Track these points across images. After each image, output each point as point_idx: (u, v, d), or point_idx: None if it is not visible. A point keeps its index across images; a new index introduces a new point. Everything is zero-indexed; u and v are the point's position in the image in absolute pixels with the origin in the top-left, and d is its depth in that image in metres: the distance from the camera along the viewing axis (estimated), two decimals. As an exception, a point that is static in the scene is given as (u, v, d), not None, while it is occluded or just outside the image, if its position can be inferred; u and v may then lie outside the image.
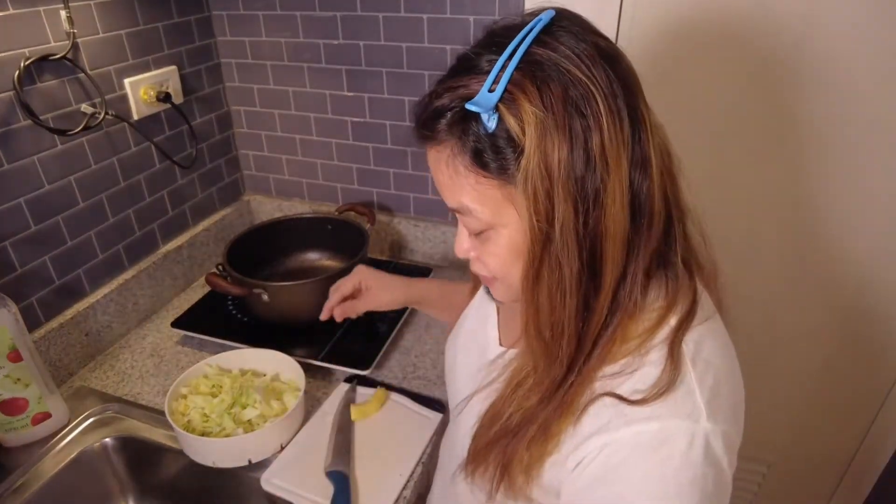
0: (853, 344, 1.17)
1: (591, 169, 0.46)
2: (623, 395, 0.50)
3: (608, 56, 0.48)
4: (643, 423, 0.48)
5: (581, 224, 0.48)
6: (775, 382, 1.26)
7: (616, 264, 0.50)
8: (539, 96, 0.46)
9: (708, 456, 0.48)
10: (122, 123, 1.07)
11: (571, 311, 0.51)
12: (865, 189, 1.02)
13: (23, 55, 0.89)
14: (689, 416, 0.48)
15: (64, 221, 1.00)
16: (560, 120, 0.46)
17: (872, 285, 1.10)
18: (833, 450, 1.31)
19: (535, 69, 0.47)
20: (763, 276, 1.16)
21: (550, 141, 0.46)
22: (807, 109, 0.99)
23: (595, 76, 0.46)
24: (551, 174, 0.46)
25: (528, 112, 0.46)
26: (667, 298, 0.53)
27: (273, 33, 1.24)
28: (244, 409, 0.88)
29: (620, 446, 0.49)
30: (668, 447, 0.48)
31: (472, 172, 0.50)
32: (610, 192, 0.47)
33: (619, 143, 0.47)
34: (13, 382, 0.84)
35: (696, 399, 0.49)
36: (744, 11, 0.94)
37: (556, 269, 0.49)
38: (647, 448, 0.48)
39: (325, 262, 1.30)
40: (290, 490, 0.81)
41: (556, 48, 0.47)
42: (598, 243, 0.49)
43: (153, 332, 1.15)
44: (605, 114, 0.46)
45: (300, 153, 1.37)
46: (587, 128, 0.46)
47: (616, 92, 0.47)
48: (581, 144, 0.46)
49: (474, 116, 0.48)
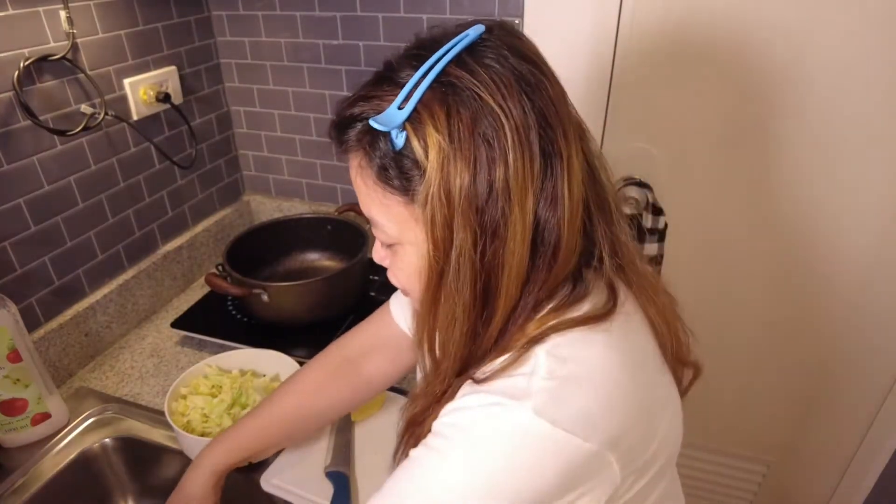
0: (852, 344, 1.17)
1: (493, 200, 0.45)
2: (474, 377, 0.51)
3: (530, 84, 0.46)
4: (474, 395, 0.49)
5: (478, 254, 0.47)
6: (775, 382, 1.26)
7: (510, 297, 0.49)
8: (446, 121, 0.45)
9: (522, 444, 0.45)
10: (121, 124, 1.07)
11: (459, 337, 0.51)
12: (863, 189, 1.02)
13: (22, 55, 0.89)
14: (513, 397, 0.46)
15: (63, 222, 1.00)
16: (465, 148, 0.44)
17: (871, 285, 1.10)
18: (833, 450, 1.31)
19: (447, 91, 0.45)
20: (761, 277, 1.16)
21: (454, 167, 0.45)
22: (805, 111, 0.99)
23: (509, 107, 0.45)
24: (451, 201, 0.45)
25: (432, 136, 0.45)
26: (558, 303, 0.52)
27: (273, 33, 1.24)
28: (244, 409, 0.88)
29: (446, 411, 0.50)
30: (482, 416, 0.48)
31: (378, 186, 0.49)
32: (511, 225, 0.46)
33: (525, 177, 0.46)
34: (13, 383, 0.84)
35: (530, 385, 0.47)
36: (741, 14, 0.94)
37: (451, 294, 0.49)
38: (465, 411, 0.49)
39: (325, 263, 1.30)
40: (290, 490, 0.81)
41: (473, 71, 0.46)
42: (494, 276, 0.48)
43: (153, 333, 1.15)
44: (514, 147, 0.45)
45: (300, 153, 1.37)
46: (492, 159, 0.45)
47: (530, 124, 0.46)
48: (485, 175, 0.45)
49: (383, 132, 0.47)
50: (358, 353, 0.82)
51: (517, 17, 1.04)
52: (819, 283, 1.13)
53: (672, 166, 1.09)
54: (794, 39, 0.94)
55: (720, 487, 1.44)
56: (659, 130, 1.08)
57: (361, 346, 0.83)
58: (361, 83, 0.51)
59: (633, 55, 1.02)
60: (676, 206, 1.08)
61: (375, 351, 0.82)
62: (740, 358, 1.24)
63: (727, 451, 1.38)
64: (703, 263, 1.17)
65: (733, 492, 1.45)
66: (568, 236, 0.49)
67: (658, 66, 1.02)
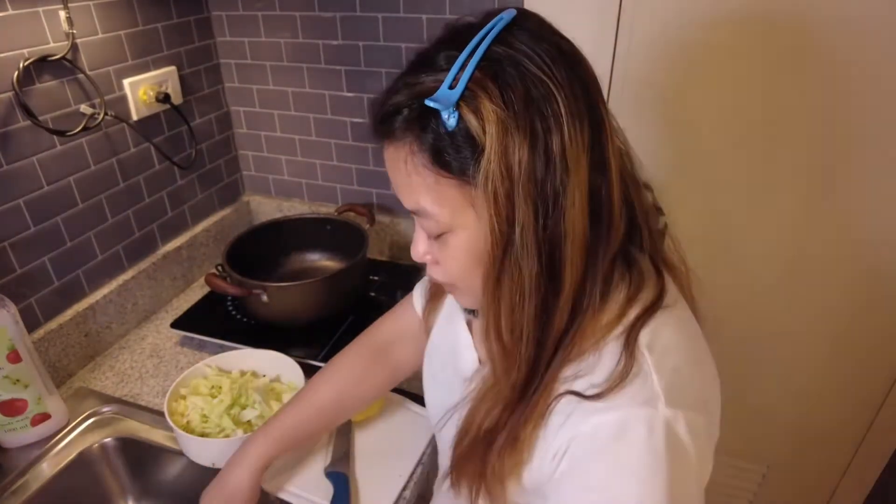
0: (853, 344, 1.17)
1: (551, 170, 0.46)
2: (580, 392, 0.49)
3: (569, 57, 0.48)
4: (601, 415, 0.48)
5: (541, 226, 0.47)
6: (775, 383, 1.26)
7: (576, 267, 0.49)
8: (500, 95, 0.45)
9: (670, 441, 0.46)
10: (121, 124, 1.07)
11: (531, 314, 0.50)
12: (864, 189, 1.02)
13: (22, 56, 0.89)
14: (646, 403, 0.47)
15: (63, 222, 1.00)
16: (521, 120, 0.45)
17: (872, 285, 1.10)
18: (833, 450, 1.31)
19: (496, 67, 0.46)
20: (763, 277, 1.16)
21: (511, 141, 0.45)
22: (807, 109, 0.99)
23: (556, 76, 0.46)
24: (512, 175, 0.45)
25: (489, 111, 0.45)
26: (628, 294, 0.53)
27: (272, 34, 1.24)
28: (243, 409, 0.88)
29: (583, 440, 0.49)
30: (628, 436, 0.47)
31: (431, 172, 0.49)
32: (570, 194, 0.46)
33: (579, 146, 0.46)
34: (12, 383, 0.84)
35: (653, 385, 0.48)
36: (743, 9, 0.94)
37: (515, 271, 0.48)
38: (607, 439, 0.48)
39: (325, 263, 1.30)
40: (290, 491, 0.81)
41: (516, 47, 0.46)
42: (558, 246, 0.48)
43: (152, 333, 1.15)
44: (566, 115, 0.45)
45: (299, 154, 1.37)
46: (548, 129, 0.45)
47: (577, 93, 0.46)
48: (542, 145, 0.45)
49: (433, 114, 0.46)
50: (387, 341, 0.85)
51: (517, 18, 1.04)
52: (819, 283, 1.13)
53: (673, 165, 1.09)
54: (794, 42, 0.94)
55: (720, 487, 1.44)
56: (660, 129, 1.08)
57: (389, 335, 0.86)
58: (396, 75, 0.51)
59: (632, 53, 1.02)
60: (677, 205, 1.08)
61: (402, 339, 0.84)
62: (741, 358, 1.24)
63: (727, 451, 1.38)
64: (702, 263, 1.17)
65: (733, 492, 1.45)
66: (616, 201, 0.50)
67: (658, 64, 1.02)
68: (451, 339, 0.70)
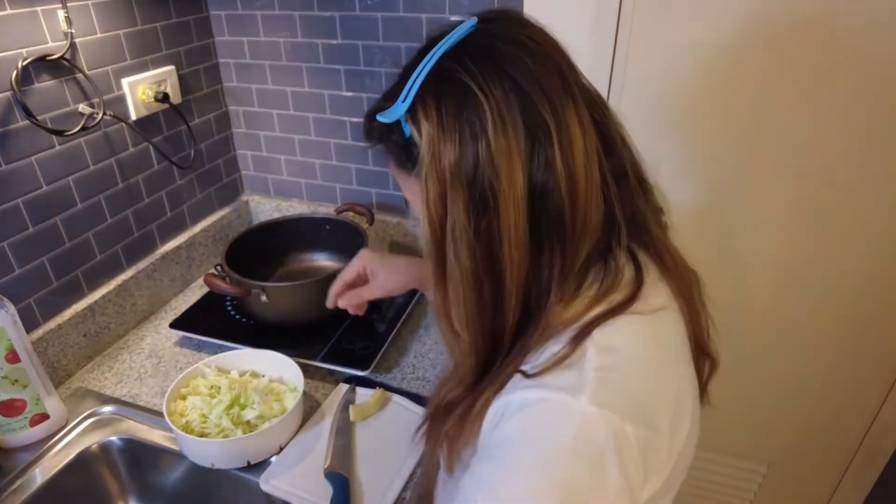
0: (853, 344, 1.17)
1: (479, 174, 0.49)
2: (524, 370, 0.52)
3: (516, 66, 0.50)
4: (527, 391, 0.50)
5: (472, 225, 0.50)
6: (775, 382, 1.26)
7: (517, 266, 0.51)
8: (436, 107, 0.50)
9: (581, 438, 0.46)
10: (120, 124, 1.07)
11: (472, 306, 0.54)
12: (864, 189, 1.02)
13: (20, 55, 0.88)
14: (567, 391, 0.47)
15: (62, 222, 1.00)
16: (450, 130, 0.50)
17: (872, 285, 1.10)
18: (833, 450, 1.31)
19: (439, 82, 0.51)
20: (762, 276, 1.16)
21: (440, 147, 0.50)
22: (808, 108, 0.99)
23: (489, 89, 0.49)
24: (443, 178, 0.51)
25: (422, 121, 0.51)
26: (598, 293, 0.53)
27: (271, 33, 1.24)
28: (243, 410, 0.88)
29: (508, 410, 0.50)
30: (541, 416, 0.48)
31: (402, 171, 0.57)
32: (502, 195, 0.49)
33: (510, 150, 0.49)
34: (11, 384, 0.84)
35: (582, 378, 0.48)
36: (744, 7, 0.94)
37: (455, 265, 0.53)
38: (523, 414, 0.49)
39: (324, 263, 1.29)
40: (290, 491, 0.81)
41: (462, 61, 0.51)
42: (495, 245, 0.51)
43: (151, 333, 1.15)
44: (494, 124, 0.49)
45: (299, 153, 1.37)
46: (475, 137, 0.49)
47: (512, 102, 0.49)
48: (470, 152, 0.49)
49: (395, 124, 0.54)
50: None
51: (516, 17, 1.04)
52: (819, 283, 1.13)
53: (674, 164, 1.09)
54: (796, 34, 0.94)
55: (720, 487, 1.44)
56: (660, 127, 1.08)
57: None
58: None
59: (632, 53, 1.02)
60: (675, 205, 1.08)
61: None
62: (740, 358, 1.24)
63: (727, 451, 1.38)
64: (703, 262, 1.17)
65: (733, 492, 1.45)
66: (577, 202, 0.51)
67: (658, 63, 1.02)
68: None
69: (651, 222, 0.58)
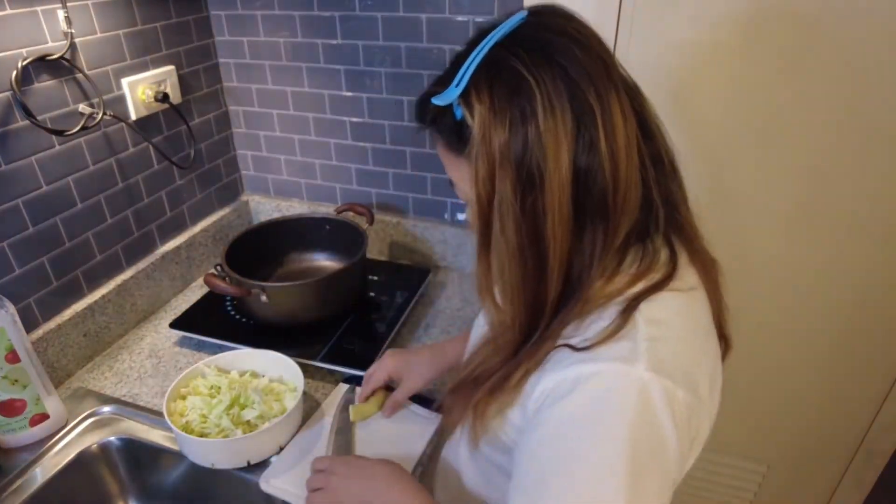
0: (853, 343, 1.17)
1: (528, 154, 0.52)
2: (573, 345, 0.54)
3: (565, 54, 0.54)
4: (584, 364, 0.52)
5: (519, 203, 0.53)
6: (775, 383, 1.26)
7: (560, 243, 0.54)
8: (489, 92, 0.53)
9: (643, 403, 0.49)
10: (120, 124, 1.07)
11: (517, 280, 0.56)
12: (865, 189, 1.02)
13: (20, 55, 0.88)
14: (626, 361, 0.51)
15: (62, 222, 1.00)
16: (502, 112, 0.52)
17: (873, 286, 1.10)
18: (833, 450, 1.31)
19: (491, 68, 0.54)
20: (762, 276, 1.16)
21: (492, 129, 0.53)
22: (808, 107, 0.99)
23: (539, 75, 0.52)
24: (492, 158, 0.53)
25: (475, 105, 0.53)
26: (639, 270, 0.57)
27: (271, 33, 1.24)
28: (243, 409, 0.88)
29: (563, 384, 0.53)
30: (601, 387, 0.51)
31: (451, 153, 0.59)
32: (549, 177, 0.52)
33: (558, 134, 0.52)
34: (11, 384, 0.84)
35: (637, 348, 0.52)
36: (739, 24, 0.94)
37: (501, 241, 0.56)
38: (583, 386, 0.52)
39: (324, 263, 1.29)
40: (289, 491, 0.81)
41: (514, 49, 0.54)
42: (540, 223, 0.54)
43: (151, 333, 1.15)
44: (544, 108, 0.52)
45: (299, 153, 1.37)
46: (525, 120, 0.52)
47: (560, 88, 0.52)
48: (519, 134, 0.52)
49: (447, 107, 0.56)
50: None
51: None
52: (820, 283, 1.13)
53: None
54: (796, 34, 0.94)
55: (720, 487, 1.44)
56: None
57: None
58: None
59: (632, 52, 1.02)
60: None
61: None
62: (740, 358, 1.24)
63: (727, 451, 1.38)
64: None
65: (733, 492, 1.45)
66: (618, 183, 0.54)
67: (657, 62, 1.02)
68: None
69: (682, 206, 0.63)
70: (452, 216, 1.30)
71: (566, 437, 0.51)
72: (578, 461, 0.50)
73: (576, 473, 0.50)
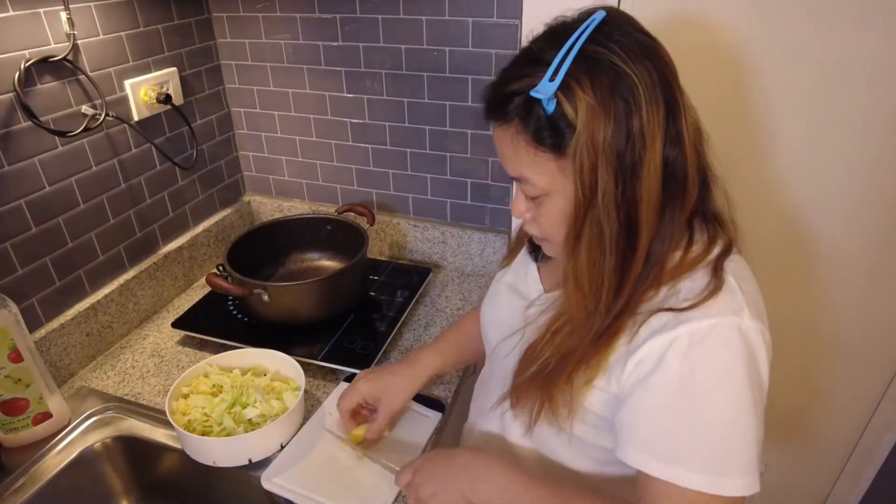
0: (850, 343, 1.18)
1: (630, 146, 0.56)
2: (673, 307, 0.59)
3: (649, 51, 0.58)
4: (697, 322, 0.58)
5: (620, 192, 0.57)
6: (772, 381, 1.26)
7: (650, 225, 0.59)
8: (591, 86, 0.55)
9: (750, 347, 0.58)
10: (122, 125, 1.08)
11: (611, 267, 0.60)
12: (865, 189, 1.03)
13: (23, 57, 0.89)
14: (735, 313, 0.58)
15: (65, 222, 1.00)
16: (607, 106, 0.55)
17: (871, 283, 1.11)
18: (830, 449, 1.32)
19: (589, 63, 0.56)
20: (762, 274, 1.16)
21: (598, 123, 0.55)
22: (803, 106, 0.99)
23: (637, 70, 0.55)
24: (596, 150, 0.56)
25: (581, 99, 0.55)
26: (708, 239, 0.64)
27: (273, 35, 1.24)
28: (244, 408, 0.89)
29: (680, 342, 0.58)
30: (720, 338, 0.57)
31: (532, 148, 0.60)
32: (646, 165, 0.57)
33: (655, 125, 0.56)
34: (14, 383, 0.85)
35: (739, 300, 0.59)
36: (738, 24, 0.95)
37: (596, 230, 0.59)
38: (702, 340, 0.57)
39: (325, 263, 1.30)
40: (291, 489, 0.81)
41: (606, 45, 0.56)
42: (635, 208, 0.58)
43: (154, 333, 1.15)
44: (644, 101, 0.55)
45: (300, 154, 1.37)
46: (629, 112, 0.55)
47: (655, 82, 0.56)
48: (623, 126, 0.55)
49: (536, 101, 0.57)
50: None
51: (515, 20, 1.05)
52: (819, 281, 1.14)
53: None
54: (792, 36, 0.95)
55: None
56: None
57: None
58: (503, 68, 0.62)
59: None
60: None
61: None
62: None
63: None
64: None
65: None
66: (691, 170, 0.60)
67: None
68: (521, 276, 0.82)
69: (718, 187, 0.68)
70: (452, 216, 1.30)
71: (692, 390, 0.57)
72: (709, 410, 0.57)
73: (706, 423, 0.57)
